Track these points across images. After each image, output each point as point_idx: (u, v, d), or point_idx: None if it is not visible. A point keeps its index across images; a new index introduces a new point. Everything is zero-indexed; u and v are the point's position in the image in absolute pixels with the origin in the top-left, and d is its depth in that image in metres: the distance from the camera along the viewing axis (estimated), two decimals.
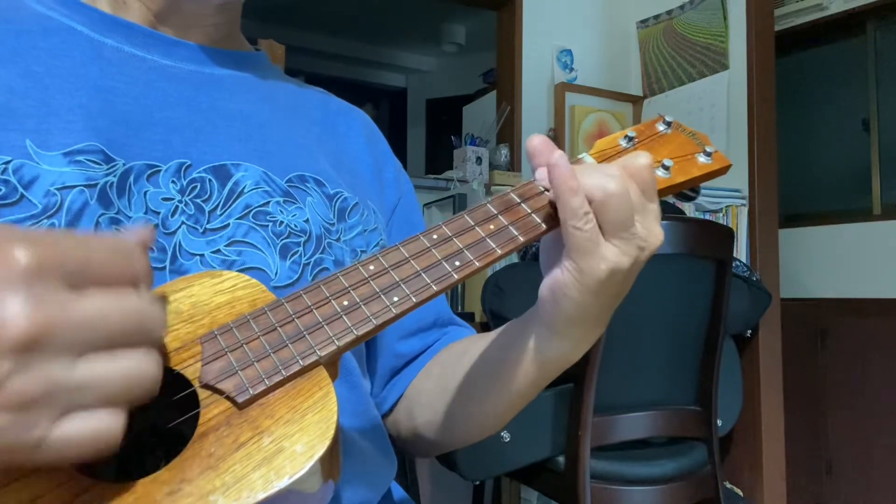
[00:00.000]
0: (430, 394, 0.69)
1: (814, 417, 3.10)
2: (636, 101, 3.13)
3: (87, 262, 0.33)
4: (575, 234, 0.46)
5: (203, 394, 0.40)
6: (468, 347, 0.66)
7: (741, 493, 2.35)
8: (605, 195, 0.46)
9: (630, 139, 0.56)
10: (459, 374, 0.65)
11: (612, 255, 0.47)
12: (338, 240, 0.64)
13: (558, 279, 0.49)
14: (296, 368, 0.41)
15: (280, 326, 0.43)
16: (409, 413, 0.71)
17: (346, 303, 0.45)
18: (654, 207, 0.50)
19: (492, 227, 0.49)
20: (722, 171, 0.56)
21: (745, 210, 2.45)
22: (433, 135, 6.04)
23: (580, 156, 0.54)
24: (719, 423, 1.80)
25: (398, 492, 0.72)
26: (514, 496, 2.59)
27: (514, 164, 2.95)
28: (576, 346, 0.54)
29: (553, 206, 0.49)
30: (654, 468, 1.63)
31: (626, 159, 0.50)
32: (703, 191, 2.45)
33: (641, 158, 0.50)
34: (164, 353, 0.39)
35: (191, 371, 0.41)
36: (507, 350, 0.58)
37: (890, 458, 2.89)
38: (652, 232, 0.49)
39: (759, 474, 2.31)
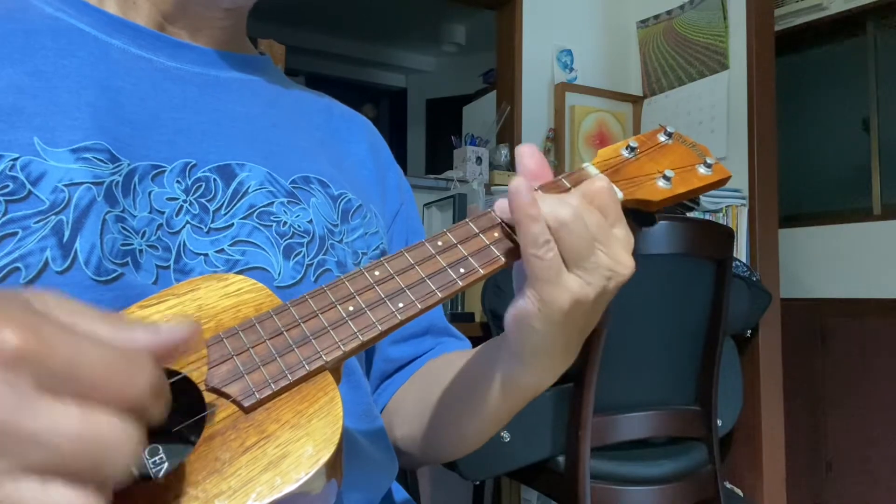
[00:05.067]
0: (409, 408, 0.69)
1: (814, 417, 3.10)
2: (636, 101, 3.13)
3: (76, 369, 0.29)
4: (535, 262, 0.45)
5: (209, 397, 0.40)
6: (449, 365, 0.66)
7: (741, 493, 2.35)
8: (558, 223, 0.45)
9: (632, 149, 0.56)
10: (437, 392, 0.65)
11: (576, 286, 0.46)
12: (340, 241, 0.64)
13: (521, 309, 0.48)
14: (302, 373, 0.41)
15: (286, 331, 0.43)
16: (389, 424, 0.71)
17: (351, 308, 0.45)
18: (621, 234, 0.48)
19: (496, 234, 0.49)
20: (722, 182, 0.57)
21: (745, 210, 2.45)
22: (433, 135, 6.05)
23: (584, 165, 0.54)
24: (719, 423, 1.80)
25: (399, 492, 0.72)
26: (514, 496, 2.59)
27: (514, 164, 2.94)
28: (543, 376, 0.53)
29: None
30: (654, 468, 1.63)
31: (585, 184, 0.48)
32: None
33: (598, 182, 0.48)
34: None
35: (197, 374, 0.41)
36: (479, 374, 0.58)
37: (890, 458, 2.89)
38: (619, 261, 0.47)
39: (759, 474, 2.31)
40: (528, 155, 0.51)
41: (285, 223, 0.60)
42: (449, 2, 3.46)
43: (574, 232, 0.45)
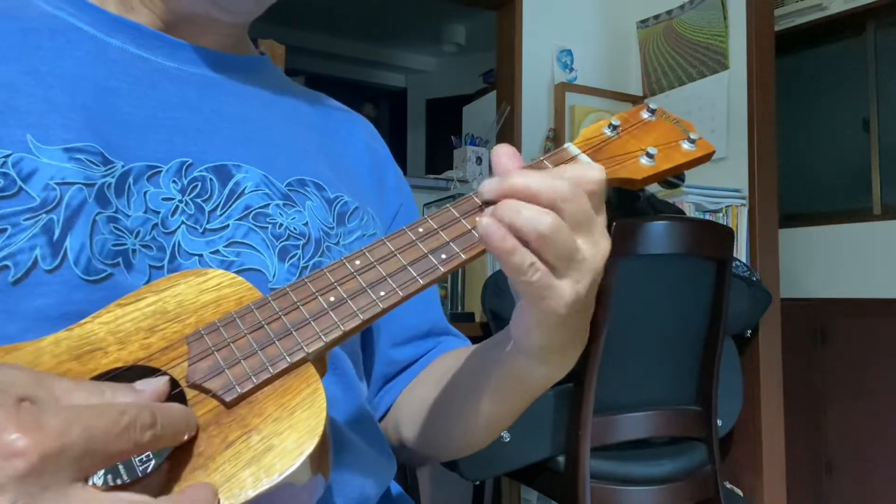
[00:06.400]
0: (415, 409, 0.69)
1: (814, 417, 3.10)
2: (636, 101, 3.13)
3: (93, 445, 0.31)
4: (526, 286, 0.45)
5: (190, 393, 0.40)
6: (454, 363, 0.66)
7: (741, 493, 2.34)
8: (539, 238, 0.43)
9: (614, 128, 0.55)
10: (444, 391, 0.65)
11: (568, 290, 0.45)
12: (337, 244, 0.64)
13: (523, 320, 0.48)
14: (283, 366, 0.41)
15: (267, 324, 0.43)
16: (395, 425, 0.71)
17: (332, 298, 0.44)
18: (601, 220, 0.47)
19: (478, 218, 0.48)
20: (706, 157, 0.55)
21: (745, 210, 2.45)
22: (433, 135, 6.05)
23: (565, 145, 0.53)
24: (719, 423, 1.80)
25: (395, 489, 0.72)
26: (514, 496, 2.59)
27: None
28: (558, 368, 0.54)
29: None
30: (654, 468, 1.63)
31: (581, 171, 0.46)
32: (702, 190, 2.45)
33: (596, 173, 0.47)
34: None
35: (178, 371, 0.41)
36: (487, 372, 0.58)
37: (890, 458, 2.88)
38: (599, 247, 0.47)
39: (759, 474, 2.31)
40: (507, 157, 0.49)
41: (281, 225, 0.60)
42: (449, 2, 3.46)
43: (556, 242, 0.44)
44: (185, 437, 0.36)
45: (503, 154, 0.48)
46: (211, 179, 0.58)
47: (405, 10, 5.23)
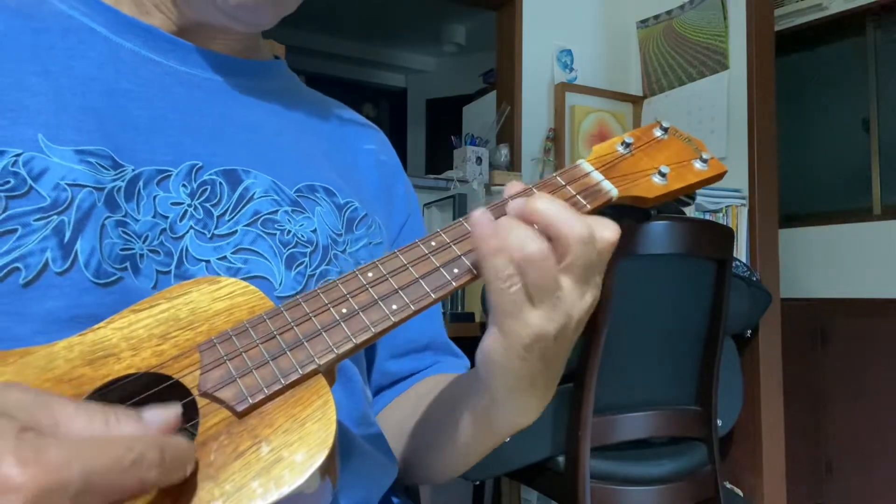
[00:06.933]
0: (390, 431, 0.69)
1: (814, 417, 3.10)
2: (636, 101, 3.13)
3: (92, 479, 0.30)
4: (498, 294, 0.44)
5: (202, 402, 0.40)
6: (433, 391, 0.66)
7: (741, 493, 2.35)
8: (524, 259, 0.43)
9: (627, 145, 0.55)
10: (418, 418, 0.65)
11: (537, 321, 0.45)
12: (343, 251, 0.64)
13: (485, 344, 0.47)
14: (295, 377, 0.41)
15: (279, 334, 0.43)
16: None
17: (344, 310, 0.45)
18: (598, 277, 0.47)
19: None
20: (717, 177, 0.56)
21: (745, 210, 2.45)
22: (433, 135, 6.04)
23: (578, 162, 0.54)
24: (719, 423, 1.80)
25: (395, 500, 0.72)
26: (514, 496, 2.59)
27: (514, 165, 2.95)
28: (521, 413, 0.52)
29: None
30: (654, 468, 1.63)
31: (597, 226, 0.45)
32: (703, 190, 2.46)
33: (612, 234, 0.46)
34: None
35: (189, 379, 0.41)
36: (457, 406, 0.58)
37: (890, 458, 2.89)
38: (584, 298, 0.46)
39: (759, 474, 2.31)
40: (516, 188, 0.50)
41: (289, 232, 0.60)
42: (449, 2, 3.46)
43: (538, 270, 0.43)
44: (188, 473, 0.36)
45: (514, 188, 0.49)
46: (220, 183, 0.58)
47: (405, 10, 5.22)
